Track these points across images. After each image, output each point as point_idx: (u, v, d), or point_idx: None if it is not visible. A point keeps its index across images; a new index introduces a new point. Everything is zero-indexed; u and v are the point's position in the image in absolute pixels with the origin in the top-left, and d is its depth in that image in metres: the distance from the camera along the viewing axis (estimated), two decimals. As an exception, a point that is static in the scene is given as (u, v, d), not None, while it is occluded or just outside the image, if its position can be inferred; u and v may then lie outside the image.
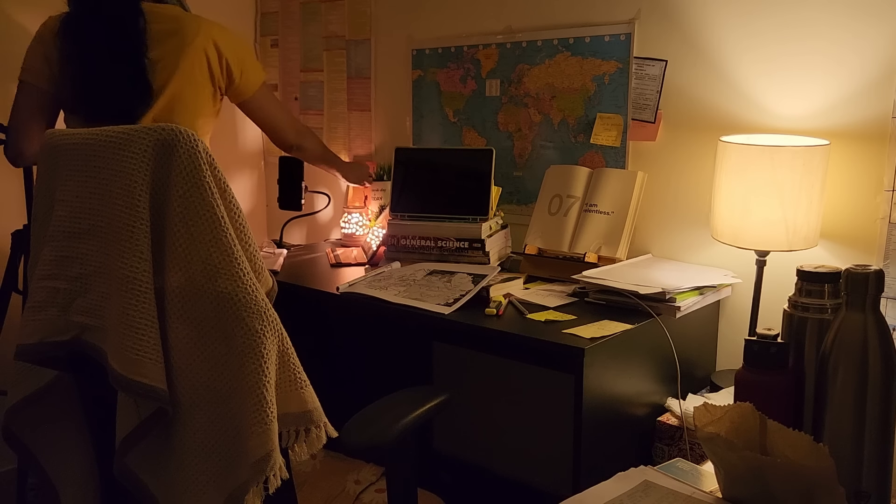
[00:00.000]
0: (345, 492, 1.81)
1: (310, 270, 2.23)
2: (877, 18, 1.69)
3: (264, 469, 1.14)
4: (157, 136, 1.15)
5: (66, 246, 1.21)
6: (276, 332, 1.17)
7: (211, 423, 1.17)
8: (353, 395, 1.99)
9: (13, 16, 2.50)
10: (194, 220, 1.14)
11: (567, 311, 1.74)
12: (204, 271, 1.14)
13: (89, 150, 1.19)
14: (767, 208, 1.65)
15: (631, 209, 2.01)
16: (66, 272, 1.21)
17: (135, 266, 1.14)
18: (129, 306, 1.14)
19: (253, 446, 1.15)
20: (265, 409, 1.14)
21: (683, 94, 2.00)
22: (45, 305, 1.21)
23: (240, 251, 1.16)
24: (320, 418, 1.22)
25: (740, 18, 1.89)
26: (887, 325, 0.94)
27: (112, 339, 1.16)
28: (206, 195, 1.14)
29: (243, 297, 1.14)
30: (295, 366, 1.21)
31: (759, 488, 0.88)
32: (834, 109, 1.77)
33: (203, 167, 1.14)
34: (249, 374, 1.14)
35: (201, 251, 1.14)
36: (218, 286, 1.14)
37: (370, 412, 1.29)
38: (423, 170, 2.24)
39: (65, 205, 1.21)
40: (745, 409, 0.92)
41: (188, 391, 1.17)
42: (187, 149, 1.14)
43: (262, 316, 1.15)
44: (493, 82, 2.38)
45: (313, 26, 2.89)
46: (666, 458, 1.67)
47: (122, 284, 1.14)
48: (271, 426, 1.15)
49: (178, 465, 1.20)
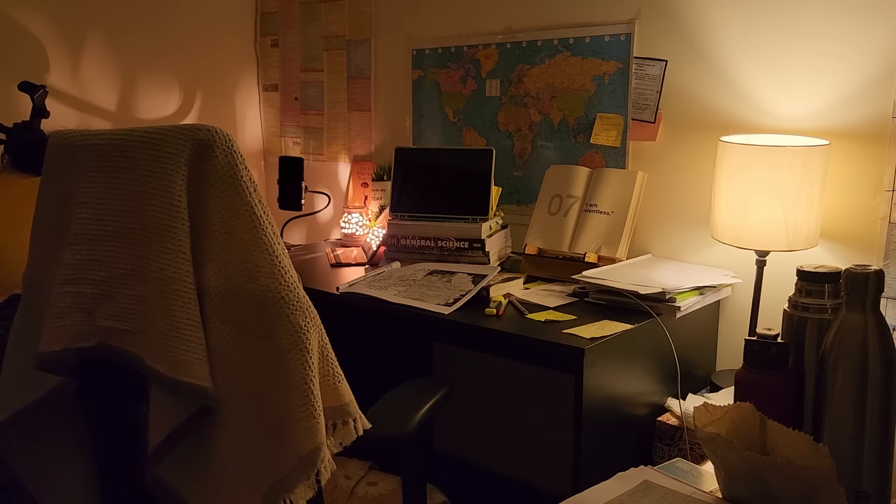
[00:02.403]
0: (338, 487, 1.81)
1: (310, 270, 2.22)
2: (877, 18, 1.69)
3: (314, 462, 1.14)
4: (194, 136, 1.14)
5: (91, 249, 1.18)
6: (318, 328, 1.18)
7: (253, 421, 1.17)
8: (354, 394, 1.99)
9: (13, 16, 2.51)
10: (233, 220, 1.14)
11: (567, 311, 1.74)
12: (244, 271, 1.14)
13: (116, 151, 1.17)
14: (767, 208, 1.65)
15: (631, 209, 2.01)
16: (92, 276, 1.18)
17: (178, 266, 1.13)
18: (174, 307, 1.13)
19: (301, 441, 1.15)
20: (312, 403, 1.15)
21: (683, 94, 2.00)
22: (70, 311, 1.18)
23: (280, 249, 1.16)
24: (355, 411, 1.23)
25: (740, 18, 1.89)
26: (887, 325, 0.94)
27: (153, 341, 1.14)
28: (245, 195, 1.14)
29: (286, 295, 1.14)
30: (333, 361, 1.22)
31: (759, 488, 0.88)
32: (834, 109, 1.77)
33: (240, 167, 1.15)
34: (295, 369, 1.14)
35: (241, 250, 1.14)
36: (259, 285, 1.14)
37: (382, 407, 1.30)
38: (423, 170, 2.24)
39: (88, 207, 1.18)
40: (745, 409, 0.92)
41: (230, 390, 1.17)
42: (224, 148, 1.14)
43: (304, 312, 1.16)
44: (493, 82, 2.38)
45: (313, 26, 2.89)
46: (666, 458, 1.67)
47: (163, 286, 1.13)
48: (319, 420, 1.15)
49: (210, 466, 1.19)
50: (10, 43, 2.50)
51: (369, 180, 2.65)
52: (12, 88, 2.25)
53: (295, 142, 3.02)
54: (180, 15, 2.82)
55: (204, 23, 2.90)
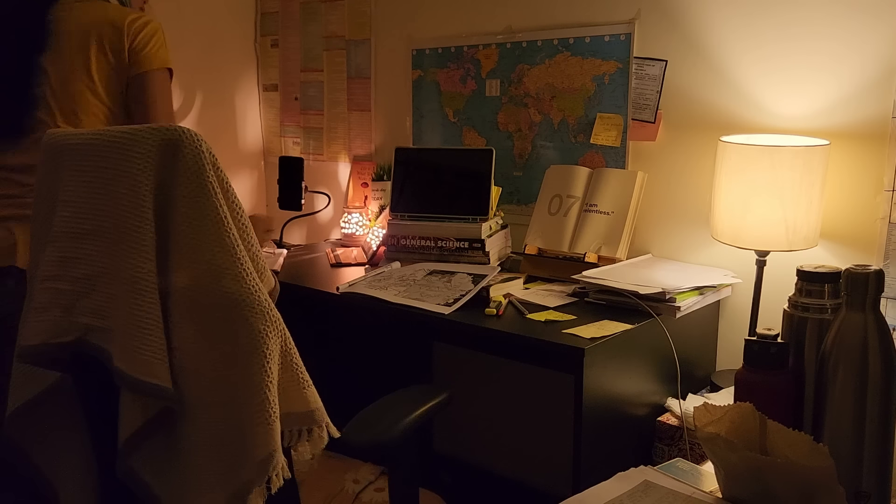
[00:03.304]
0: (343, 491, 1.81)
1: (310, 270, 2.23)
2: (877, 18, 1.69)
3: (267, 469, 1.15)
4: (162, 136, 1.15)
5: (71, 246, 1.21)
6: (279, 333, 1.18)
7: (216, 423, 1.18)
8: (354, 394, 1.98)
9: (13, 16, 2.50)
10: (198, 221, 1.14)
11: (567, 311, 1.74)
12: (208, 272, 1.15)
13: (94, 151, 1.19)
14: (767, 208, 1.65)
15: (631, 209, 2.01)
16: (70, 273, 1.21)
17: (141, 266, 1.14)
18: (136, 307, 1.14)
19: (256, 446, 1.15)
20: (268, 408, 1.15)
21: (683, 94, 2.00)
22: (49, 307, 1.21)
23: (243, 251, 1.16)
24: (322, 418, 1.23)
25: (740, 18, 1.89)
26: (887, 325, 0.94)
27: (119, 339, 1.16)
28: (210, 195, 1.15)
29: (247, 298, 1.15)
30: (298, 366, 1.22)
31: (759, 488, 0.88)
32: (834, 109, 1.77)
33: (207, 167, 1.15)
34: (253, 374, 1.15)
35: (205, 252, 1.15)
36: (222, 286, 1.15)
37: (371, 412, 1.29)
38: (423, 170, 2.24)
39: (68, 205, 1.21)
40: (745, 409, 0.92)
41: (193, 391, 1.18)
42: (192, 149, 1.14)
43: (265, 316, 1.15)
44: (493, 82, 2.38)
45: (313, 26, 2.89)
46: (666, 458, 1.67)
47: (128, 285, 1.15)
48: (274, 426, 1.15)
49: (182, 465, 1.20)
50: (10, 43, 2.50)
51: (369, 180, 2.65)
52: (12, 88, 2.25)
53: (295, 142, 3.02)
54: (180, 15, 2.81)
55: (204, 23, 2.90)
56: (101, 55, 1.79)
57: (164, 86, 1.88)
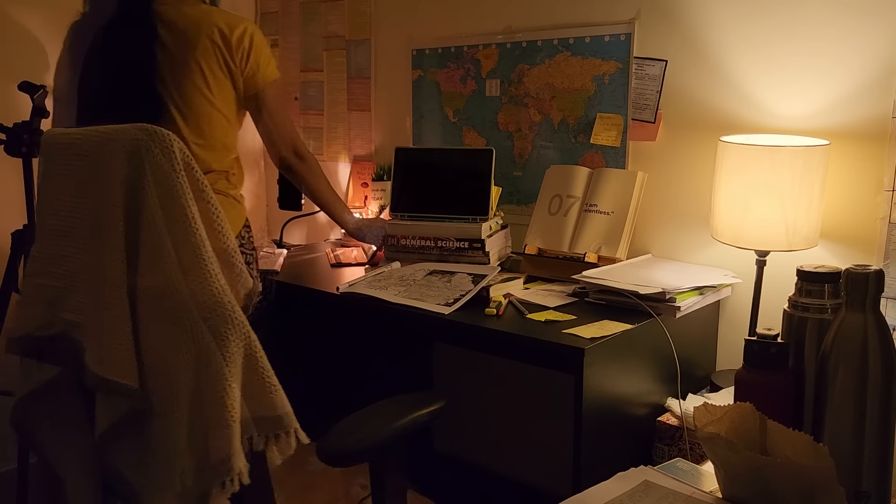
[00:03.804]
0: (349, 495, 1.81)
1: (310, 270, 2.23)
2: (877, 18, 1.69)
3: (222, 472, 1.14)
4: (133, 136, 1.16)
5: (55, 244, 1.23)
6: (242, 335, 1.17)
7: (182, 424, 1.18)
8: (353, 395, 1.98)
9: (13, 16, 2.51)
10: (166, 221, 1.15)
11: (567, 311, 1.74)
12: (173, 273, 1.15)
13: (75, 150, 1.21)
14: (767, 208, 1.65)
15: (631, 209, 2.01)
16: (55, 269, 1.23)
17: (110, 265, 1.15)
18: (106, 305, 1.16)
19: (214, 449, 1.15)
20: (226, 412, 1.14)
21: (683, 94, 2.00)
22: (35, 301, 1.24)
23: (209, 253, 1.16)
24: (291, 424, 1.21)
25: (740, 18, 1.89)
26: (887, 325, 0.94)
27: (90, 336, 1.18)
28: (179, 196, 1.15)
29: (209, 299, 1.15)
30: (264, 370, 1.20)
31: (759, 488, 0.88)
32: (834, 109, 1.77)
33: (176, 167, 1.15)
34: (212, 376, 1.15)
35: (171, 252, 1.15)
36: (186, 287, 1.15)
37: (357, 418, 1.25)
38: (423, 170, 2.24)
39: (54, 203, 1.23)
40: (745, 409, 0.92)
41: (163, 390, 1.18)
42: (162, 149, 1.15)
43: (226, 318, 1.15)
44: (493, 82, 2.38)
45: (313, 26, 2.89)
46: (666, 458, 1.67)
47: (100, 284, 1.16)
48: (231, 429, 1.14)
49: (156, 463, 1.21)
50: (10, 43, 2.50)
51: (369, 180, 2.65)
52: (12, 88, 2.25)
53: (295, 142, 3.01)
54: (180, 15, 2.81)
55: (204, 23, 2.90)
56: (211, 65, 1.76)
57: (278, 100, 1.92)
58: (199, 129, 1.77)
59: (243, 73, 1.82)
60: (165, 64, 1.73)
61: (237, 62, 1.80)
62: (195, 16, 1.77)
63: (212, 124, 1.80)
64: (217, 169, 1.80)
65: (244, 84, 1.83)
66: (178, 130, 1.75)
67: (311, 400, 2.10)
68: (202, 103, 1.77)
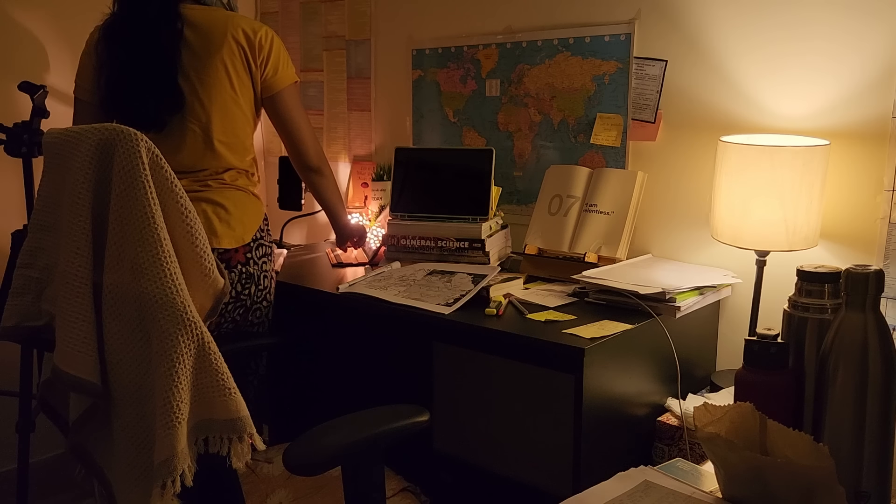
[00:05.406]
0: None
1: (310, 270, 2.22)
2: (877, 18, 1.69)
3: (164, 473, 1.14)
4: (100, 135, 1.18)
5: (39, 238, 1.27)
6: (194, 336, 1.17)
7: (138, 421, 1.19)
8: (353, 395, 1.99)
9: (13, 16, 2.51)
10: (127, 220, 1.17)
11: (567, 311, 1.74)
12: (132, 270, 1.17)
13: (56, 148, 1.24)
14: (767, 208, 1.65)
15: (631, 209, 2.01)
16: (38, 262, 1.27)
17: (74, 262, 1.18)
18: (69, 300, 1.18)
19: (158, 448, 1.15)
20: (171, 412, 1.14)
21: (683, 94, 2.00)
22: (23, 292, 1.28)
23: (167, 252, 1.17)
24: (245, 428, 1.21)
25: (740, 18, 1.89)
26: (887, 325, 0.94)
27: (57, 330, 1.21)
28: (140, 195, 1.16)
29: (161, 299, 1.15)
30: (219, 372, 1.20)
31: (759, 488, 0.88)
32: (834, 109, 1.77)
33: (140, 166, 1.17)
34: (160, 375, 1.15)
35: (129, 250, 1.17)
36: (141, 286, 1.16)
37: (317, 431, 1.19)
38: (423, 170, 2.24)
39: (40, 198, 1.28)
40: (745, 409, 0.92)
41: (120, 387, 1.20)
42: (126, 148, 1.17)
43: (177, 318, 1.15)
44: (493, 82, 2.38)
45: (313, 26, 2.89)
46: (666, 458, 1.67)
47: (66, 279, 1.19)
48: (176, 430, 1.14)
49: (119, 456, 1.23)
50: (10, 43, 2.50)
51: (369, 180, 2.65)
52: (12, 88, 2.25)
53: (295, 142, 3.01)
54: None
55: (204, 23, 2.90)
56: (235, 65, 1.82)
57: (297, 102, 1.98)
58: (223, 127, 1.82)
59: (263, 74, 1.87)
60: (188, 60, 1.78)
61: (258, 63, 1.85)
62: (219, 18, 1.83)
63: (235, 122, 1.85)
64: (238, 167, 1.87)
65: (262, 86, 1.88)
66: (202, 126, 1.79)
67: (311, 400, 2.10)
68: (227, 101, 1.82)
